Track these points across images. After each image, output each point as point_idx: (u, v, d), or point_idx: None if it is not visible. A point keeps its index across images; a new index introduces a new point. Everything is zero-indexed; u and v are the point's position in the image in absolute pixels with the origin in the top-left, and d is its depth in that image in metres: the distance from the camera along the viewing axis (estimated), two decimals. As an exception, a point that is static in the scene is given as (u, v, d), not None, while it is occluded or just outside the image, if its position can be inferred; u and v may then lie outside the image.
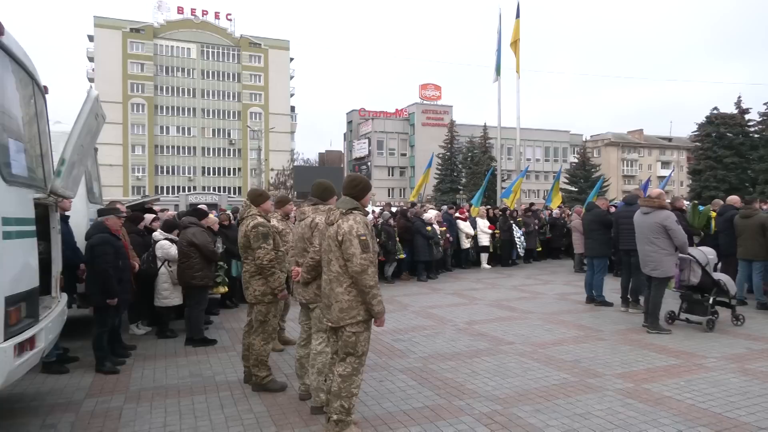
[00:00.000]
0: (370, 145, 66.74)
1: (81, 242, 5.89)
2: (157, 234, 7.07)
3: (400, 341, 6.61)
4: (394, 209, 14.43)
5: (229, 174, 67.38)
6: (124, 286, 5.70)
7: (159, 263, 6.83)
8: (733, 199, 9.52)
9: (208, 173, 66.36)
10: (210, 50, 66.54)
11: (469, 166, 53.46)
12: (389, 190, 65.77)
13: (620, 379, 4.99)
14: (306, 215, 4.45)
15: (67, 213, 5.80)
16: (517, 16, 21.01)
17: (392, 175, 67.71)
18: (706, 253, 7.16)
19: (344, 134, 74.97)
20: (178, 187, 63.69)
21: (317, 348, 4.24)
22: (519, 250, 14.81)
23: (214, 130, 66.73)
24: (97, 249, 5.45)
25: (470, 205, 16.15)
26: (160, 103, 64.22)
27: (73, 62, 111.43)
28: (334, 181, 4.56)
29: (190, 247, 6.50)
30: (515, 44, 20.94)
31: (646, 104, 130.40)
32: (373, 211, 14.16)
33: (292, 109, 71.67)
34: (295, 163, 63.85)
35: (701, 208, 9.81)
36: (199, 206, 7.88)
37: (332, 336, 3.80)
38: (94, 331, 5.55)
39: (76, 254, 5.84)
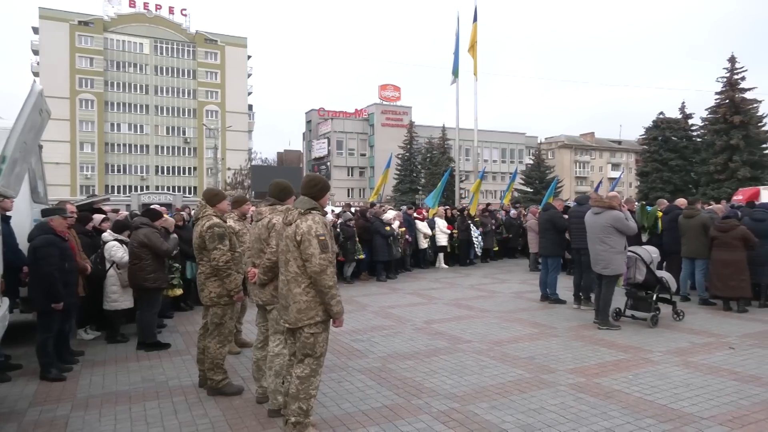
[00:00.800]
0: (329, 145, 66.43)
1: (24, 244, 5.61)
2: (107, 235, 6.80)
3: (359, 341, 6.61)
4: (354, 209, 14.40)
5: (184, 173, 65.63)
6: (70, 290, 5.47)
7: (108, 265, 6.59)
8: (681, 201, 9.98)
9: (162, 172, 64.41)
10: (163, 46, 64.61)
11: (428, 166, 54.03)
12: (349, 190, 65.64)
13: (572, 374, 5.14)
14: (263, 215, 4.39)
15: (8, 213, 5.53)
16: (475, 20, 21.38)
17: (352, 176, 67.61)
18: (650, 252, 7.46)
19: (303, 134, 74.34)
20: (130, 187, 61.59)
21: (275, 350, 4.18)
22: (477, 249, 15.08)
23: (168, 128, 64.82)
24: (41, 251, 5.21)
25: (427, 206, 16.28)
26: (110, 99, 61.87)
27: (16, 54, 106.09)
28: (293, 181, 4.50)
29: (141, 248, 6.30)
30: (473, 48, 21.30)
31: (597, 108, 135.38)
32: (333, 211, 14.10)
33: (250, 107, 70.48)
34: (253, 163, 62.93)
35: (649, 208, 10.23)
36: (152, 206, 7.64)
37: (290, 337, 3.76)
38: (38, 337, 5.29)
39: (18, 256, 5.57)
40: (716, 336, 6.58)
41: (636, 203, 10.53)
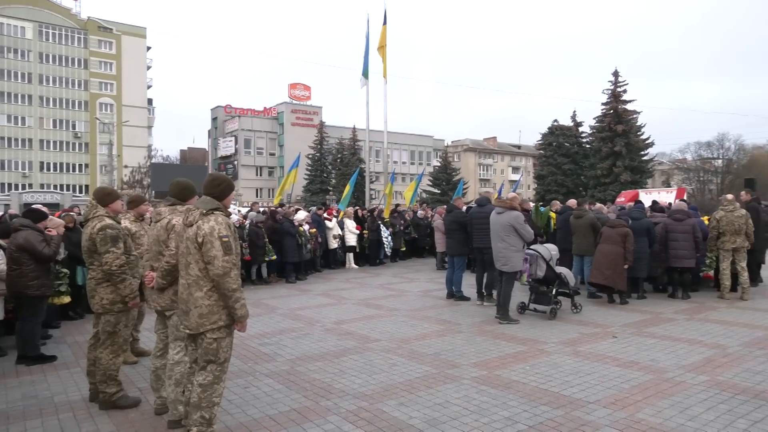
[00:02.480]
0: (236, 143, 64.32)
1: None
2: (-20, 238, 6.10)
3: (267, 345, 6.46)
4: (262, 209, 14.06)
5: (73, 170, 60.41)
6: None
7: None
8: (572, 202, 10.77)
9: (48, 169, 58.87)
10: (50, 31, 59.06)
11: (339, 167, 54.05)
12: (257, 190, 64.02)
13: (475, 368, 5.37)
14: (162, 216, 4.15)
15: None
16: (384, 22, 21.67)
17: (260, 175, 65.97)
18: (550, 249, 7.99)
19: (209, 131, 71.37)
20: (10, 185, 55.69)
21: (175, 357, 3.97)
22: (387, 249, 15.34)
23: (55, 121, 59.36)
24: None
25: (339, 210, 16.26)
26: (-14, 87, 55.63)
27: None
28: (198, 180, 4.29)
29: (21, 252, 5.72)
30: (382, 49, 21.58)
31: (499, 114, 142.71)
32: (239, 212, 13.67)
33: (150, 101, 66.41)
34: (153, 161, 59.34)
35: (543, 209, 10.96)
36: (34, 206, 6.93)
37: (191, 344, 3.59)
38: None
39: None
40: (602, 326, 7.17)
41: (531, 204, 11.23)
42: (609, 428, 3.87)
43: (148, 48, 65.49)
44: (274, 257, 11.75)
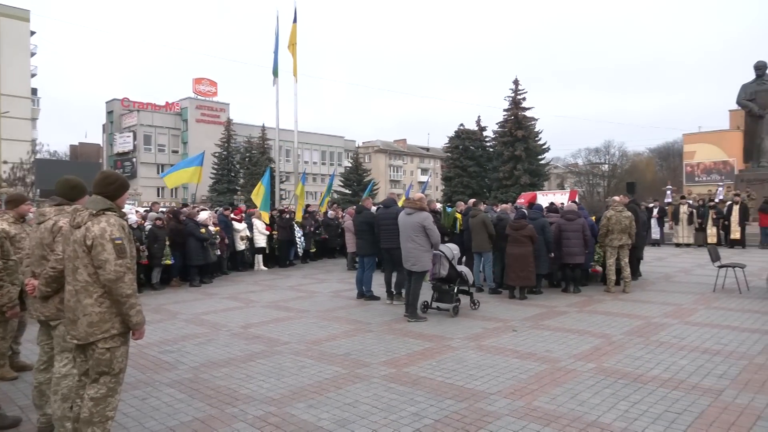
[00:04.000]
0: (135, 139, 60.41)
1: None
2: None
3: (168, 352, 6.13)
4: (162, 209, 13.32)
5: (-60, 166, 53.65)
6: None
7: None
8: (471, 202, 11.24)
9: None
10: None
11: (248, 166, 52.47)
12: (159, 189, 60.51)
13: (385, 366, 5.45)
14: (47, 217, 3.81)
15: None
16: (294, 20, 21.41)
17: (162, 173, 62.42)
18: (452, 249, 8.30)
19: (104, 126, 66.42)
20: None
21: (62, 371, 3.65)
22: (299, 250, 15.17)
23: None
24: None
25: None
26: None
27: None
28: (92, 178, 3.95)
29: None
30: (293, 47, 21.30)
31: (408, 116, 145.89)
32: (137, 212, 12.85)
33: (34, 91, 60.43)
34: (38, 156, 54.26)
35: (449, 209, 11.36)
36: None
37: (79, 355, 3.31)
38: None
39: None
40: (503, 321, 7.56)
41: (438, 205, 11.61)
42: (508, 417, 4.09)
43: (32, 33, 59.69)
44: (170, 262, 11.17)
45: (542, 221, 9.71)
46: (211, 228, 12.08)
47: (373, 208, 10.34)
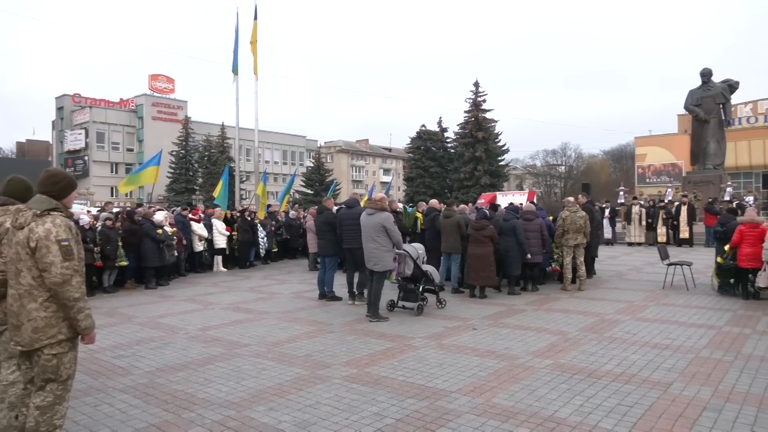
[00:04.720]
0: (87, 136, 58.19)
1: None
2: None
3: (122, 357, 5.94)
4: (116, 209, 12.89)
5: None
6: None
7: None
8: (434, 202, 11.36)
9: None
10: None
11: (206, 165, 51.33)
12: (112, 188, 58.49)
13: (346, 367, 5.43)
14: (-11, 218, 3.61)
15: None
16: (255, 17, 21.12)
17: (116, 172, 60.34)
18: (417, 249, 8.36)
19: (53, 122, 63.73)
20: None
21: (9, 378, 3.48)
22: (261, 250, 14.98)
23: None
24: None
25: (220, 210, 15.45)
26: None
27: None
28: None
29: None
30: (253, 44, 21.00)
31: (370, 117, 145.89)
32: (89, 212, 12.40)
33: (-23, 85, 57.61)
34: (-18, 153, 51.69)
35: (410, 209, 11.43)
36: None
37: (24, 362, 3.17)
38: None
39: None
40: (463, 320, 7.66)
41: (399, 205, 11.67)
42: (469, 414, 4.14)
43: (-25, 23, 56.78)
44: (125, 263, 10.84)
45: (514, 222, 9.80)
46: (168, 229, 11.77)
47: (335, 208, 10.29)
